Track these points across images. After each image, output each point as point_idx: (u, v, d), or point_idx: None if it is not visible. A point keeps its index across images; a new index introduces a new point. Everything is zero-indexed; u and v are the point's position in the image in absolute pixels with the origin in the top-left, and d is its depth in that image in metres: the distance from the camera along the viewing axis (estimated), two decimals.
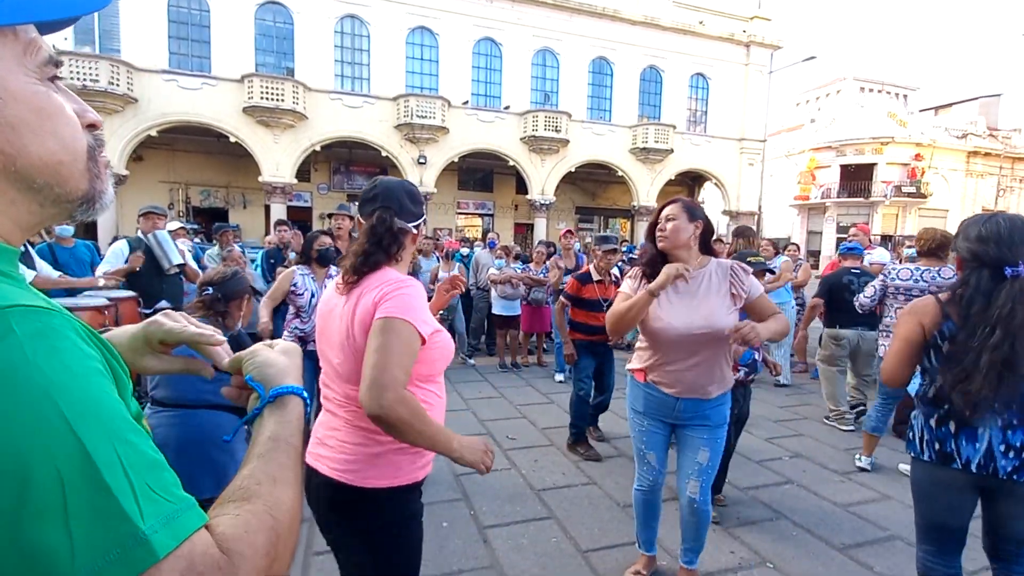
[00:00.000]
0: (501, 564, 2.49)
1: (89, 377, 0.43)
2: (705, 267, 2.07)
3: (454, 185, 20.25)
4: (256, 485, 0.52)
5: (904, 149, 26.36)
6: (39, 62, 0.48)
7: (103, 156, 0.57)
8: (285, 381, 0.67)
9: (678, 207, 2.07)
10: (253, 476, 0.54)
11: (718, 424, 2.13)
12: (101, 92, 13.56)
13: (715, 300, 2.00)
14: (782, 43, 21.28)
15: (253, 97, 15.01)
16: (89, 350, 0.45)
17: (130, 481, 0.41)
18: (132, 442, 0.43)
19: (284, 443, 0.59)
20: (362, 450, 1.29)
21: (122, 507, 0.40)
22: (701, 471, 2.14)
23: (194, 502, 0.45)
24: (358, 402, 1.20)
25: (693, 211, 2.07)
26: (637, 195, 20.10)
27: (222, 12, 15.36)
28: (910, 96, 33.18)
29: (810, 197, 27.60)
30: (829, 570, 2.52)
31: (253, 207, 18.19)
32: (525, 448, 3.98)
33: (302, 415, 0.66)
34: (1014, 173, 29.12)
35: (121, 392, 0.48)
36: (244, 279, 2.17)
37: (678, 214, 2.04)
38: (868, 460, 3.70)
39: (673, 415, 2.15)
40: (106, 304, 3.51)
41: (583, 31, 18.85)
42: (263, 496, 0.51)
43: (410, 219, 1.39)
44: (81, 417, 0.40)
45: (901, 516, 3.07)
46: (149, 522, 0.40)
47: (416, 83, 17.42)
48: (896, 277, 3.59)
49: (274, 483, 0.54)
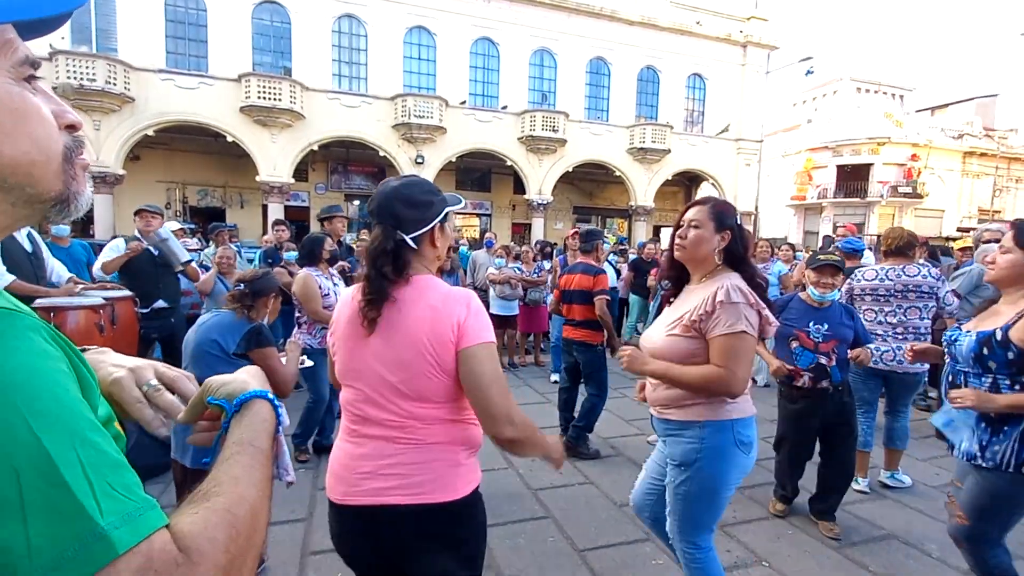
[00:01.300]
0: (498, 564, 2.50)
1: (49, 376, 0.43)
2: (709, 281, 1.70)
3: (452, 185, 20.22)
4: (216, 487, 0.52)
5: (900, 149, 26.43)
6: (14, 62, 0.48)
7: (81, 158, 0.57)
8: (248, 389, 0.67)
9: (705, 211, 1.71)
10: (215, 479, 0.54)
11: (676, 461, 1.74)
12: (98, 91, 13.52)
13: (671, 317, 1.76)
14: (779, 44, 21.32)
15: (250, 96, 14.97)
16: (51, 350, 0.46)
17: (89, 479, 0.41)
18: (93, 441, 0.43)
19: (248, 446, 0.59)
20: (442, 465, 1.24)
21: (81, 504, 0.40)
22: (669, 509, 1.83)
23: (155, 503, 0.46)
24: (428, 419, 1.23)
25: (723, 217, 1.70)
26: (634, 195, 20.12)
27: (219, 11, 15.32)
28: (906, 97, 33.28)
29: (807, 197, 27.64)
30: (824, 569, 2.53)
31: (250, 207, 18.15)
32: None
33: (269, 418, 0.65)
34: (1010, 173, 29.24)
35: (86, 393, 0.48)
36: (273, 279, 2.41)
37: (704, 220, 1.69)
38: (866, 482, 3.41)
39: (657, 432, 1.94)
40: (102, 303, 3.49)
41: (581, 31, 18.87)
42: (223, 494, 0.51)
43: (414, 227, 1.25)
44: (40, 415, 0.41)
45: (896, 515, 3.09)
46: (108, 519, 0.41)
47: (414, 83, 17.41)
48: (861, 278, 3.45)
49: (235, 482, 0.53)
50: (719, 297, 1.60)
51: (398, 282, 1.24)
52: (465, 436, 1.29)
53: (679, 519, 1.79)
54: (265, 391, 0.67)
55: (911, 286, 3.28)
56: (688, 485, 1.73)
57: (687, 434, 1.72)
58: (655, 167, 20.07)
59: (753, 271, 1.72)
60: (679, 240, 1.74)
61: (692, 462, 1.70)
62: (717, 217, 1.70)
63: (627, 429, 4.46)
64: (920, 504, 3.22)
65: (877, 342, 3.32)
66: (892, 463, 3.47)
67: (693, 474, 1.71)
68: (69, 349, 0.50)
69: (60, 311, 3.30)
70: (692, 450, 1.70)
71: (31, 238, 3.67)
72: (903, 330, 3.30)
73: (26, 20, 0.47)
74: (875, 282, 3.38)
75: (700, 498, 1.74)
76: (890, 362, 3.27)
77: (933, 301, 3.29)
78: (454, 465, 1.25)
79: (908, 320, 3.30)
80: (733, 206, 1.80)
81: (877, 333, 3.34)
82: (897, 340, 3.27)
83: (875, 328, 3.35)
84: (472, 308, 1.24)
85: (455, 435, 1.27)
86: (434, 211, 1.28)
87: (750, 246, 1.75)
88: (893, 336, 3.31)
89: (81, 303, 3.42)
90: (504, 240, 14.63)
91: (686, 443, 1.71)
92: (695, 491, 1.73)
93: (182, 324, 4.24)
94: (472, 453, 1.31)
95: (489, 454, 3.84)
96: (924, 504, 3.22)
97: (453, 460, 1.25)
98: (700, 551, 1.80)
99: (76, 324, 3.32)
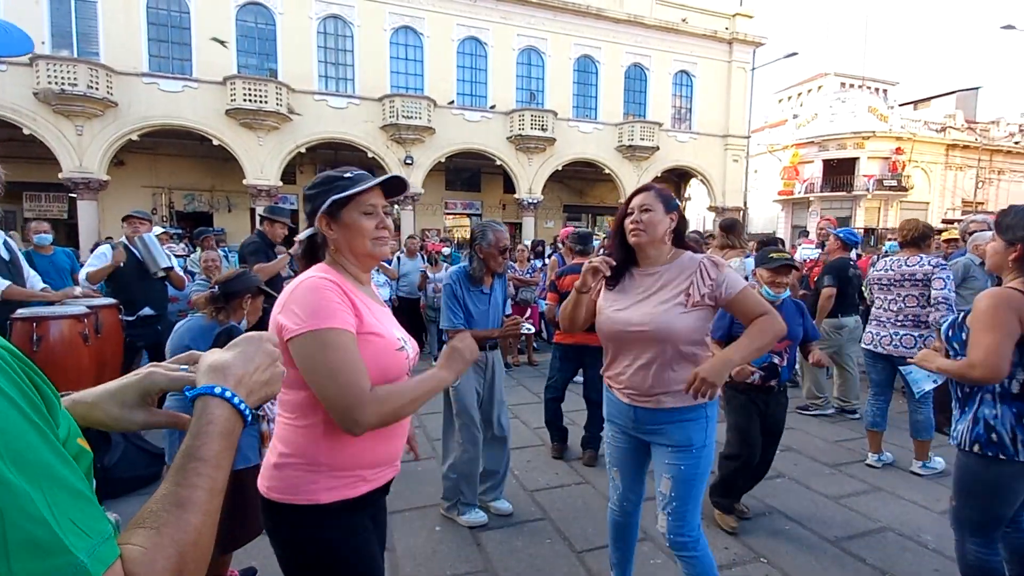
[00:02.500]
0: (495, 567, 2.47)
1: (13, 414, 0.44)
2: (672, 262, 1.82)
3: (441, 185, 20.17)
4: (164, 513, 0.53)
5: (885, 143, 26.72)
6: None
7: None
8: (206, 381, 0.64)
9: (652, 196, 1.81)
10: (164, 499, 0.54)
11: (682, 445, 1.76)
12: (80, 96, 13.31)
13: (663, 297, 1.75)
14: (764, 39, 21.47)
15: (236, 99, 14.80)
16: (8, 386, 0.45)
17: (65, 515, 0.44)
18: (62, 477, 0.46)
19: (193, 458, 0.57)
20: (269, 458, 1.25)
21: (60, 539, 0.43)
22: (667, 502, 1.80)
23: (111, 533, 0.48)
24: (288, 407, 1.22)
25: (669, 200, 1.82)
26: (624, 193, 20.11)
27: (202, 13, 15.11)
28: (890, 91, 33.69)
29: (794, 192, 27.87)
30: (822, 563, 2.53)
31: (238, 211, 17.95)
32: (518, 449, 3.95)
33: (220, 417, 0.61)
34: (992, 165, 29.66)
35: (50, 411, 0.49)
36: (249, 278, 2.36)
37: (654, 204, 1.78)
38: (876, 457, 3.63)
39: (633, 425, 1.88)
40: (86, 312, 3.43)
41: (568, 30, 18.87)
42: (170, 525, 0.52)
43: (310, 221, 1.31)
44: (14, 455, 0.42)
45: (892, 507, 3.11)
46: (81, 554, 0.43)
47: (401, 83, 17.30)
48: (874, 270, 3.75)
49: (181, 509, 0.53)
50: (716, 264, 1.76)
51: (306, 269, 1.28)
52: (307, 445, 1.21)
53: (686, 506, 1.77)
54: (211, 386, 0.63)
55: (907, 275, 3.48)
56: (698, 465, 1.77)
57: (693, 415, 1.77)
58: (644, 164, 20.14)
59: (696, 248, 1.90)
60: (634, 226, 1.79)
61: (703, 440, 1.77)
62: (664, 200, 1.81)
63: None
64: (915, 496, 3.24)
65: (878, 327, 3.63)
66: (921, 453, 3.57)
67: (703, 452, 1.77)
68: (27, 367, 0.49)
69: (43, 321, 3.24)
70: (699, 428, 1.77)
71: (8, 246, 3.60)
72: (902, 317, 3.52)
73: None
74: (882, 272, 3.65)
75: (704, 475, 1.80)
76: (887, 346, 3.55)
77: (930, 289, 3.42)
78: (273, 464, 1.24)
79: (906, 308, 3.50)
80: (670, 191, 1.91)
81: (880, 320, 3.63)
82: (895, 326, 3.54)
83: (880, 314, 3.65)
84: (294, 295, 1.17)
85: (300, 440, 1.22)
86: (317, 203, 1.27)
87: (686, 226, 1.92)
88: (892, 323, 3.56)
89: (64, 312, 3.36)
90: None
91: (693, 423, 1.77)
92: (703, 469, 1.78)
93: (169, 331, 4.18)
94: (298, 467, 1.20)
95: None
96: (919, 495, 3.24)
97: (271, 459, 1.25)
98: (700, 545, 1.80)
99: (60, 333, 3.26)
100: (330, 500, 1.19)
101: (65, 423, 0.55)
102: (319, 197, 1.27)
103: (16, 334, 3.20)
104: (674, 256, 1.83)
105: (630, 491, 2.01)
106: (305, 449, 1.19)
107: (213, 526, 0.57)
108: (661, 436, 1.81)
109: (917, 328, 3.43)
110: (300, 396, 1.19)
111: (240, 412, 0.63)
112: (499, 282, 2.96)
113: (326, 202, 1.26)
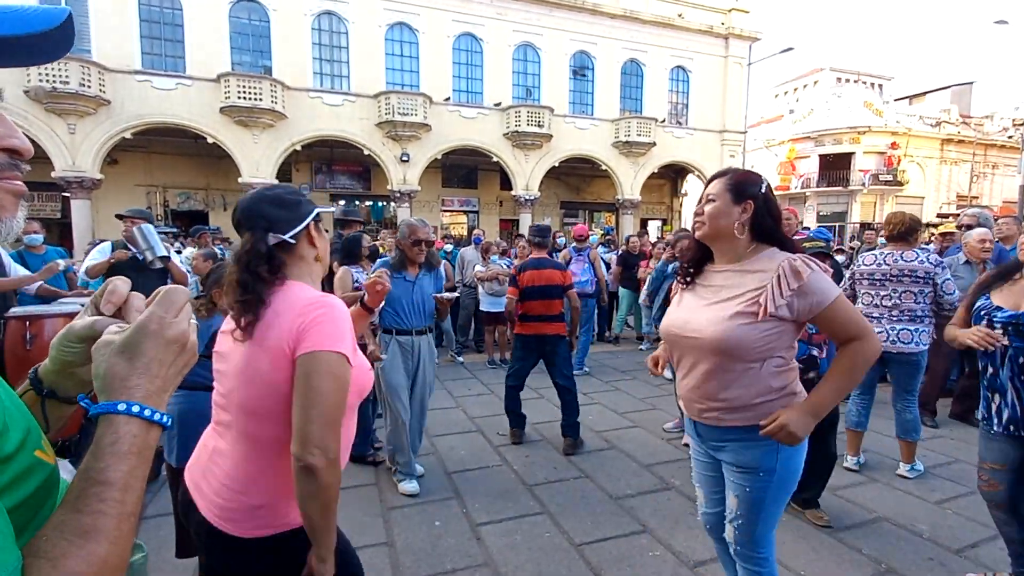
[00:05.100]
0: (495, 561, 2.48)
1: None
2: (748, 259, 1.56)
3: (438, 182, 20.13)
4: (65, 543, 0.48)
5: (881, 138, 26.82)
6: None
7: (12, 183, 0.54)
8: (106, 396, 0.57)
9: (721, 184, 1.59)
10: (64, 527, 0.50)
11: (748, 468, 1.57)
12: (72, 94, 13.20)
13: (729, 301, 1.53)
14: (760, 34, 21.47)
15: (230, 97, 14.71)
16: None
17: None
18: None
19: (95, 482, 0.52)
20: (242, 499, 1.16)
21: None
22: (733, 517, 1.66)
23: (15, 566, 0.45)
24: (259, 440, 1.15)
25: (741, 188, 1.56)
26: (621, 188, 20.17)
27: (195, 10, 15.00)
28: (885, 86, 33.75)
29: (790, 187, 27.96)
30: (819, 553, 2.55)
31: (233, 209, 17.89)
32: (516, 444, 3.97)
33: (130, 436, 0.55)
34: (987, 159, 29.80)
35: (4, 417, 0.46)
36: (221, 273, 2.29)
37: (720, 193, 1.57)
38: (855, 460, 3.53)
39: (702, 440, 1.72)
40: (79, 311, 3.41)
41: (563, 26, 18.82)
42: (71, 556, 0.48)
43: (287, 227, 1.21)
44: None
45: (887, 498, 3.13)
46: None
47: (397, 80, 17.23)
48: (861, 263, 3.57)
49: (85, 539, 0.49)
50: (800, 271, 1.44)
51: (273, 284, 1.18)
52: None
53: (754, 527, 1.62)
54: (113, 404, 0.56)
55: (906, 271, 3.35)
56: (766, 490, 1.57)
57: (759, 438, 1.51)
58: (641, 160, 20.13)
59: (791, 245, 1.57)
60: (697, 217, 1.61)
61: (772, 465, 1.55)
62: (734, 188, 1.56)
63: (620, 422, 4.47)
64: (909, 486, 3.27)
65: (872, 324, 3.39)
66: (907, 456, 3.45)
67: (772, 477, 1.56)
68: None
69: (37, 319, 3.22)
70: (769, 452, 1.54)
71: None
72: (898, 313, 3.37)
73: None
74: (872, 267, 3.47)
75: (777, 499, 1.60)
76: (884, 343, 3.36)
77: (929, 287, 3.31)
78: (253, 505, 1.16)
79: (903, 303, 3.37)
80: (757, 175, 1.62)
81: (873, 316, 3.44)
82: (891, 322, 3.38)
83: (871, 311, 3.46)
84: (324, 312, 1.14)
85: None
86: (305, 209, 1.25)
87: (780, 216, 1.59)
88: (887, 318, 3.40)
89: (59, 311, 3.35)
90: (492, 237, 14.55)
91: (762, 447, 1.54)
92: (773, 494, 1.58)
93: None
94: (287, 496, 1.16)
95: (482, 449, 3.83)
96: (913, 486, 3.27)
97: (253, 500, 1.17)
98: (768, 563, 1.67)
99: (53, 332, 3.23)
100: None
101: (17, 437, 0.52)
102: (305, 205, 1.26)
103: (9, 333, 3.19)
104: (753, 252, 1.57)
105: (709, 505, 1.82)
106: (279, 483, 1.16)
107: (123, 553, 0.52)
108: (725, 453, 1.63)
109: (913, 323, 3.33)
110: (279, 431, 1.14)
111: (155, 422, 0.58)
112: (428, 275, 3.29)
113: (313, 212, 1.26)
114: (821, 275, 1.46)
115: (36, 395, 0.69)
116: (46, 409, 0.68)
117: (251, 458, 1.17)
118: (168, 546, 2.24)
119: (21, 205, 0.57)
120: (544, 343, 4.01)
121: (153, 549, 2.27)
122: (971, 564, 2.46)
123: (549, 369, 4.05)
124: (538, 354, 4.06)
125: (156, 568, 2.32)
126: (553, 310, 4.04)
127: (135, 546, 0.82)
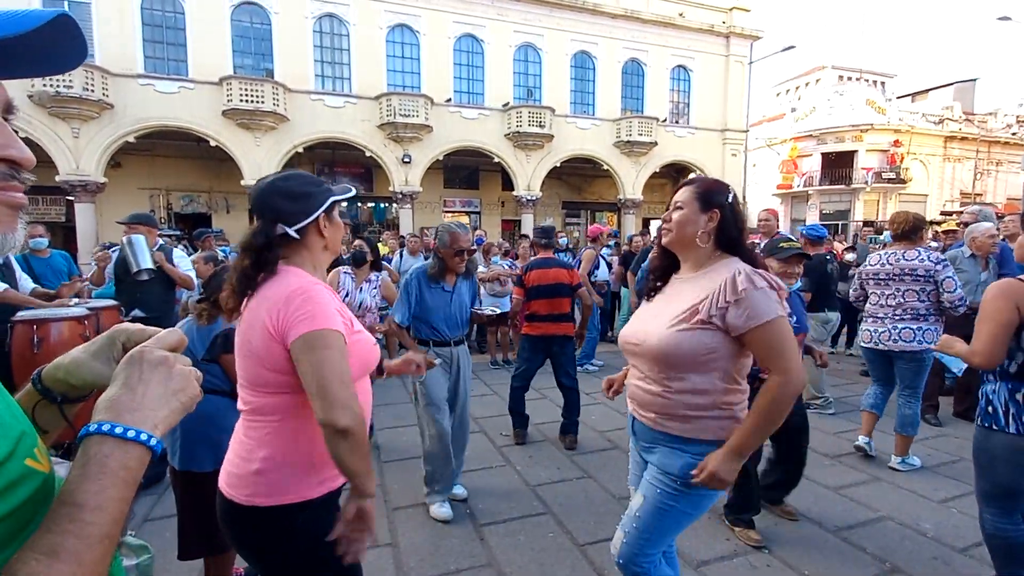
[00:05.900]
0: (499, 562, 2.49)
1: None
2: (708, 269, 1.55)
3: (440, 184, 20.14)
4: (34, 562, 0.47)
5: (883, 136, 26.70)
6: None
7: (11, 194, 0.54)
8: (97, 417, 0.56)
9: (689, 191, 1.57)
10: (35, 546, 0.49)
11: (670, 473, 1.51)
12: (75, 98, 13.27)
13: (677, 308, 1.51)
14: (762, 33, 21.43)
15: (232, 100, 14.76)
16: None
17: None
18: None
19: (65, 503, 0.51)
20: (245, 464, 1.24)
21: None
22: (629, 520, 1.59)
23: None
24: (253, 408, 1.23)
25: (709, 197, 1.54)
26: (623, 188, 20.16)
27: (197, 14, 15.06)
28: (888, 83, 33.62)
29: (793, 186, 27.87)
30: (823, 553, 2.55)
31: (237, 211, 17.93)
32: (519, 444, 3.97)
33: (104, 457, 0.54)
34: (990, 156, 29.64)
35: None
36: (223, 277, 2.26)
37: (687, 201, 1.56)
38: (867, 440, 3.63)
39: (637, 439, 1.69)
40: (86, 314, 3.44)
41: (564, 26, 18.82)
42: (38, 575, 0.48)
43: (296, 219, 1.26)
44: None
45: (891, 497, 3.12)
46: None
47: (398, 81, 17.26)
48: (867, 264, 3.66)
49: (52, 558, 0.48)
50: (741, 284, 1.40)
51: (262, 276, 1.25)
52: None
53: (647, 534, 1.55)
54: (98, 424, 0.55)
55: (907, 270, 3.40)
56: (677, 500, 1.51)
57: (691, 449, 1.49)
58: (642, 160, 20.12)
59: (752, 256, 1.55)
60: (664, 224, 1.61)
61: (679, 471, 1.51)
62: (702, 196, 1.54)
63: (623, 422, 4.46)
64: (913, 485, 3.26)
65: (875, 324, 3.54)
66: (901, 449, 3.51)
67: (689, 492, 1.50)
68: None
69: (43, 323, 3.24)
70: (695, 466, 1.47)
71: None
72: (902, 312, 3.44)
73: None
74: (877, 266, 3.55)
75: (681, 516, 1.54)
76: (887, 342, 3.46)
77: (931, 285, 3.36)
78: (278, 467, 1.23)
79: (906, 302, 3.43)
80: (724, 184, 1.62)
81: (878, 316, 3.53)
82: (894, 321, 3.45)
83: (876, 311, 3.55)
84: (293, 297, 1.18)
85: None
86: (316, 201, 1.29)
87: (744, 227, 1.58)
88: (891, 317, 3.47)
89: (65, 315, 3.37)
90: (494, 237, 14.57)
91: (689, 459, 1.49)
92: (682, 507, 1.52)
93: None
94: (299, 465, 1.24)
95: (485, 450, 3.84)
96: (917, 485, 3.26)
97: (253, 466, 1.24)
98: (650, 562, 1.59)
99: (60, 335, 3.27)
100: (319, 494, 1.24)
101: (7, 444, 0.52)
102: (317, 196, 1.29)
103: (16, 336, 3.21)
104: (714, 261, 1.56)
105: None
106: (288, 450, 1.22)
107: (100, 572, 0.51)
108: (654, 455, 1.59)
109: (916, 321, 3.38)
110: (283, 399, 1.22)
111: (142, 443, 0.57)
112: (465, 283, 3.07)
113: (328, 200, 1.30)
114: (767, 294, 1.41)
115: (36, 396, 0.70)
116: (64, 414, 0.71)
117: (255, 426, 1.25)
118: (174, 547, 2.25)
119: (21, 218, 0.57)
120: (552, 343, 4.01)
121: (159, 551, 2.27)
122: (976, 563, 2.45)
123: (554, 369, 4.06)
124: (545, 355, 4.06)
125: (163, 570, 2.33)
126: (561, 309, 4.04)
127: (141, 547, 0.83)
